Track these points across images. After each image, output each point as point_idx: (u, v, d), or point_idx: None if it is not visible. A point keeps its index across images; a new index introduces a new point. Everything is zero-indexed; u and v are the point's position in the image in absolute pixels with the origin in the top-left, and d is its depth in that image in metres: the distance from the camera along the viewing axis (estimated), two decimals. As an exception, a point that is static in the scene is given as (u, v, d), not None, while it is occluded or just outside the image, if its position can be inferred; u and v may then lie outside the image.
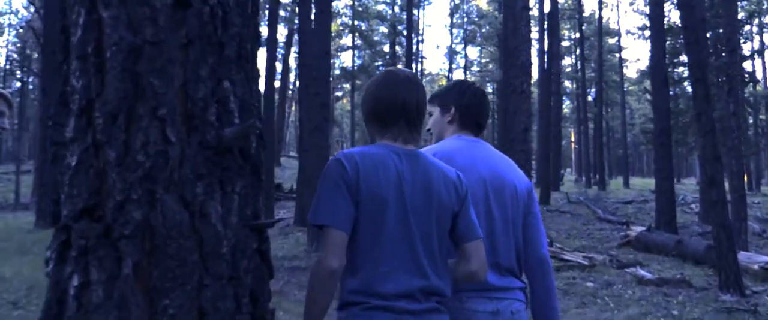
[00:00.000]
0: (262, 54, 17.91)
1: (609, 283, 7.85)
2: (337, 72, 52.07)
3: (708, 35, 16.33)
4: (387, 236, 1.64)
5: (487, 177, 2.01)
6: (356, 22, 45.89)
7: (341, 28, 47.94)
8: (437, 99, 2.23)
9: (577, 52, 37.39)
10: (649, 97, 23.32)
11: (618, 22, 73.96)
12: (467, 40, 51.98)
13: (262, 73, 31.40)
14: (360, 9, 42.89)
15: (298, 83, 23.24)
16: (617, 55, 40.26)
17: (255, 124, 1.46)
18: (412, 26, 27.80)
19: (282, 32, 47.90)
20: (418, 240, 1.66)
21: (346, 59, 50.83)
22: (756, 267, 8.21)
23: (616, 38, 41.85)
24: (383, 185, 1.65)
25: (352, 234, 1.64)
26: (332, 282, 1.60)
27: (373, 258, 1.64)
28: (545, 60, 23.18)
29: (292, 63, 39.10)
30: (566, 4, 37.24)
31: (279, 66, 32.66)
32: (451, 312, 1.77)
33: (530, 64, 15.05)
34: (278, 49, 38.68)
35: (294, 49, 35.50)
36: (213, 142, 1.45)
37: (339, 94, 54.86)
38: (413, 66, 50.91)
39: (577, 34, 36.77)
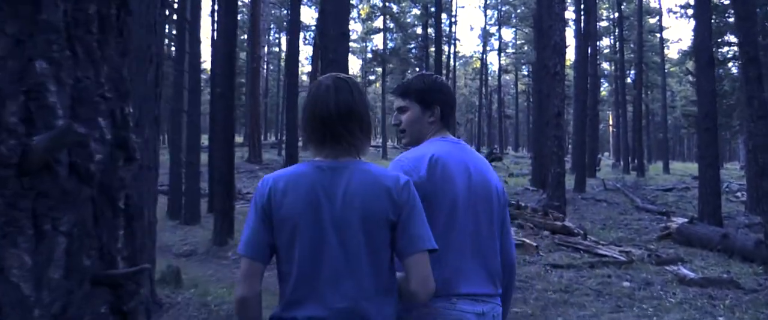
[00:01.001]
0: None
1: (647, 283, 7.19)
2: (369, 55, 51.64)
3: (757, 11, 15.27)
4: (299, 259, 1.60)
5: (475, 180, 1.98)
6: (387, 4, 45.18)
7: (372, 10, 47.35)
8: (415, 95, 2.09)
9: (616, 32, 36.07)
10: (691, 78, 22.19)
11: (659, 1, 71.63)
12: (502, 21, 50.98)
13: (281, 55, 30.84)
14: (391, -9, 42.13)
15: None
16: (658, 35, 38.86)
17: (72, 128, 0.93)
18: (442, 8, 26.92)
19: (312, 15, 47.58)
20: (340, 259, 1.59)
21: (378, 42, 50.34)
22: (812, 265, 7.45)
23: (657, 17, 40.30)
24: (294, 206, 1.61)
25: (278, 260, 1.65)
26: (243, 311, 1.65)
27: (288, 284, 1.63)
28: (582, 40, 22.20)
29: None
30: (605, -18, 36.01)
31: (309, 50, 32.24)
32: (441, 315, 1.82)
33: (564, 44, 14.28)
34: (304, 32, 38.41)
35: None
36: (12, 157, 0.92)
37: (372, 77, 54.40)
38: (446, 48, 50.25)
39: (616, 14, 35.46)
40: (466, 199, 1.93)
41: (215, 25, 19.73)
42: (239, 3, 45.56)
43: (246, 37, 35.70)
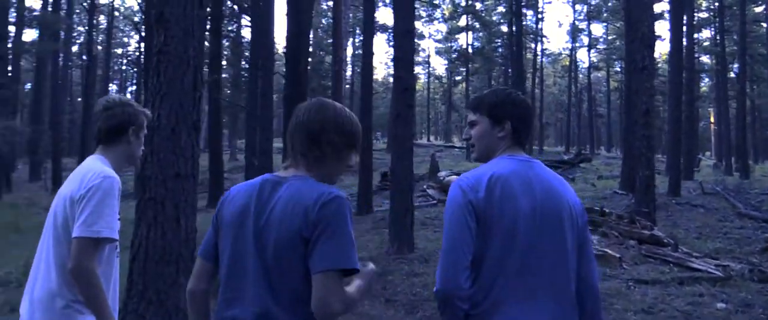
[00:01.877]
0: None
1: (746, 304, 6.29)
2: (454, 55, 50.91)
3: None
4: (226, 265, 1.76)
5: (542, 199, 1.92)
6: (471, 2, 44.37)
7: (456, 9, 46.59)
8: (486, 109, 2.07)
9: (716, 22, 33.60)
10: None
11: (767, -11, 66.35)
12: (591, 15, 49.07)
13: (347, 52, 30.67)
14: (475, -12, 41.33)
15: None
16: (764, 24, 35.78)
17: None
18: (525, 4, 25.99)
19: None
20: (257, 269, 1.69)
21: (462, 41, 49.54)
22: None
23: (763, 6, 37.14)
24: (228, 216, 1.79)
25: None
26: (193, 303, 1.87)
27: (221, 285, 1.77)
28: (676, 32, 20.64)
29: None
30: (703, -30, 33.66)
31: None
32: None
33: (653, 36, 13.18)
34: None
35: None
36: None
37: (458, 77, 53.69)
38: (532, 45, 48.75)
39: (716, 3, 33.03)
40: (529, 220, 1.88)
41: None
42: (324, 6, 46.27)
43: (331, 40, 35.97)
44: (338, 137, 1.79)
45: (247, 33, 37.03)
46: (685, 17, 21.80)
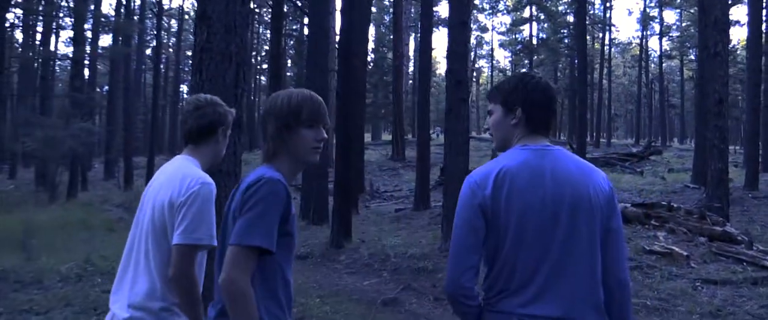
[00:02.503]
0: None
1: (828, 307, 5.80)
2: (518, 47, 49.95)
3: None
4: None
5: (554, 190, 1.84)
6: (535, -7, 43.37)
7: (519, 0, 45.67)
8: (499, 96, 2.00)
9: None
10: None
11: None
12: (663, 2, 47.05)
13: (410, 45, 30.31)
14: (539, -22, 40.39)
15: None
16: None
17: None
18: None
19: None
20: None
21: (527, 33, 48.52)
22: None
23: None
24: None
25: None
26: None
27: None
28: (755, 15, 19.43)
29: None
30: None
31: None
32: None
33: (727, 20, 12.46)
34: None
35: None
36: None
37: (523, 70, 52.63)
38: (601, 35, 47.18)
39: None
40: (538, 212, 1.80)
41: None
42: (386, 2, 46.24)
43: (392, 36, 35.92)
44: (276, 120, 1.86)
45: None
46: (764, 0, 20.51)
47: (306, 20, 14.29)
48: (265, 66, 47.60)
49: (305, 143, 1.87)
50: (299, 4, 16.54)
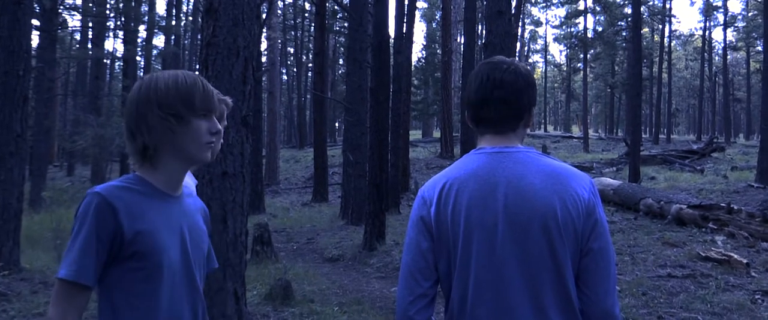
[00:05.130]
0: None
1: None
2: (573, 41, 48.51)
3: None
4: None
5: (505, 207, 1.51)
6: (590, -16, 41.96)
7: (573, -8, 44.32)
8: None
9: None
10: None
11: None
12: (727, -9, 44.89)
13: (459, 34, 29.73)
14: (594, -31, 39.09)
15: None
16: None
17: None
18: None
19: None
20: None
21: (582, 26, 47.05)
22: None
23: None
24: None
25: None
26: None
27: None
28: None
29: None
30: None
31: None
32: None
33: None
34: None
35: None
36: None
37: (579, 65, 51.24)
38: (660, 27, 45.34)
39: None
40: (488, 232, 1.50)
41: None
42: (438, -3, 45.69)
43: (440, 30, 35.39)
44: (160, 108, 1.47)
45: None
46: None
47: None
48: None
49: (199, 137, 1.50)
50: (340, 0, 16.27)
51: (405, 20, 15.79)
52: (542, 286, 1.50)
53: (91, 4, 20.18)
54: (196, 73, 1.68)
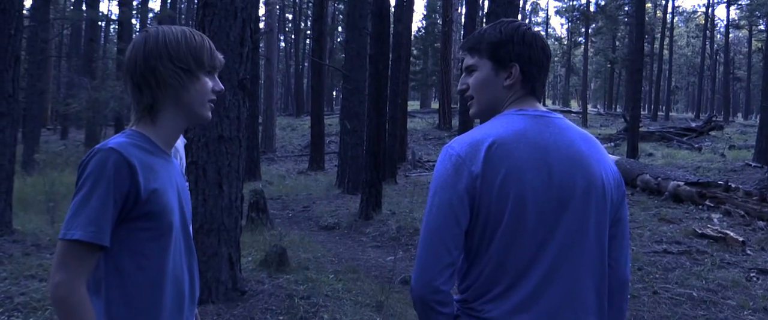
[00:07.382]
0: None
1: None
2: (575, 15, 48.09)
3: None
4: None
5: (560, 170, 1.43)
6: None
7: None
8: (487, 49, 1.54)
9: None
10: None
11: None
12: (733, -34, 44.29)
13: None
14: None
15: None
16: None
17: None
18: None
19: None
20: None
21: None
22: None
23: None
24: None
25: None
26: None
27: None
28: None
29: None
30: None
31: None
32: None
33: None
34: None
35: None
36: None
37: (581, 39, 50.90)
38: (663, 2, 44.88)
39: None
40: (541, 199, 1.41)
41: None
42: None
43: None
44: (172, 62, 1.41)
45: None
46: None
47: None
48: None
49: (203, 94, 1.45)
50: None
51: (406, -12, 15.54)
52: (590, 255, 1.48)
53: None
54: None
